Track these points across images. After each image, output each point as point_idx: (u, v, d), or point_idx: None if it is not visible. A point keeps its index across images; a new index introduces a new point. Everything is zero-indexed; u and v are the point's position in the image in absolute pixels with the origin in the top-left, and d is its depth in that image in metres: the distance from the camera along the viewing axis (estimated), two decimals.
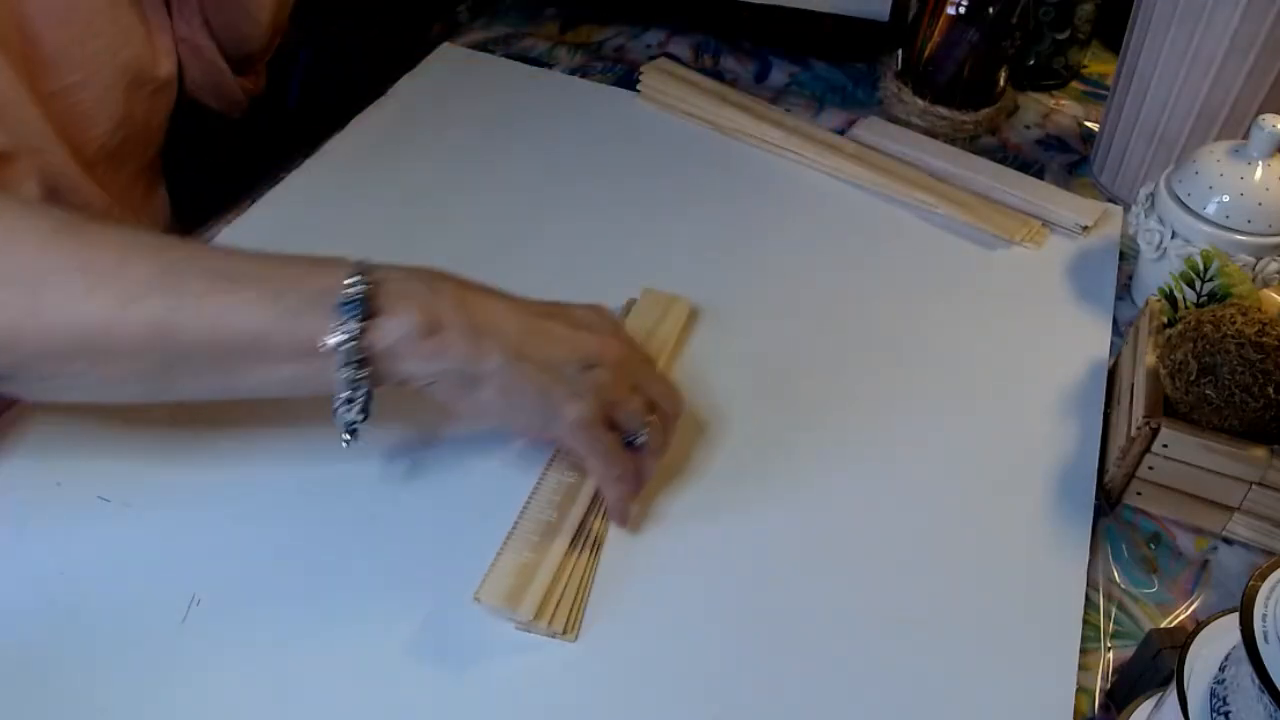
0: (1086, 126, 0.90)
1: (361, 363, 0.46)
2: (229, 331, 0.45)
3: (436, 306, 0.47)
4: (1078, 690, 0.49)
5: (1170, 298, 0.61)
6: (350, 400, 0.47)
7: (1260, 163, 0.64)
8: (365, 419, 0.48)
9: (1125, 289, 0.73)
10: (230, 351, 0.46)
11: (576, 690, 0.48)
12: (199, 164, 0.81)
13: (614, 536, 0.55)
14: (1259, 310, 0.55)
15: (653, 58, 0.93)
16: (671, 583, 0.53)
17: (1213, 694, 0.38)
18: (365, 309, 0.46)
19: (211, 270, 0.46)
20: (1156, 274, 0.67)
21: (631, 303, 0.66)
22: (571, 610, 0.50)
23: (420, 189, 0.76)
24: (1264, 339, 0.52)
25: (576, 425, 0.50)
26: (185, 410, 0.59)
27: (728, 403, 0.62)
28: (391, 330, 0.46)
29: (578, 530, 0.53)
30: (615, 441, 0.52)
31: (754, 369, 0.65)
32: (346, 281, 0.46)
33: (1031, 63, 0.92)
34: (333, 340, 0.45)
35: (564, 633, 0.50)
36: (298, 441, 0.58)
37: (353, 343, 0.45)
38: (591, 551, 0.53)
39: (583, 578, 0.52)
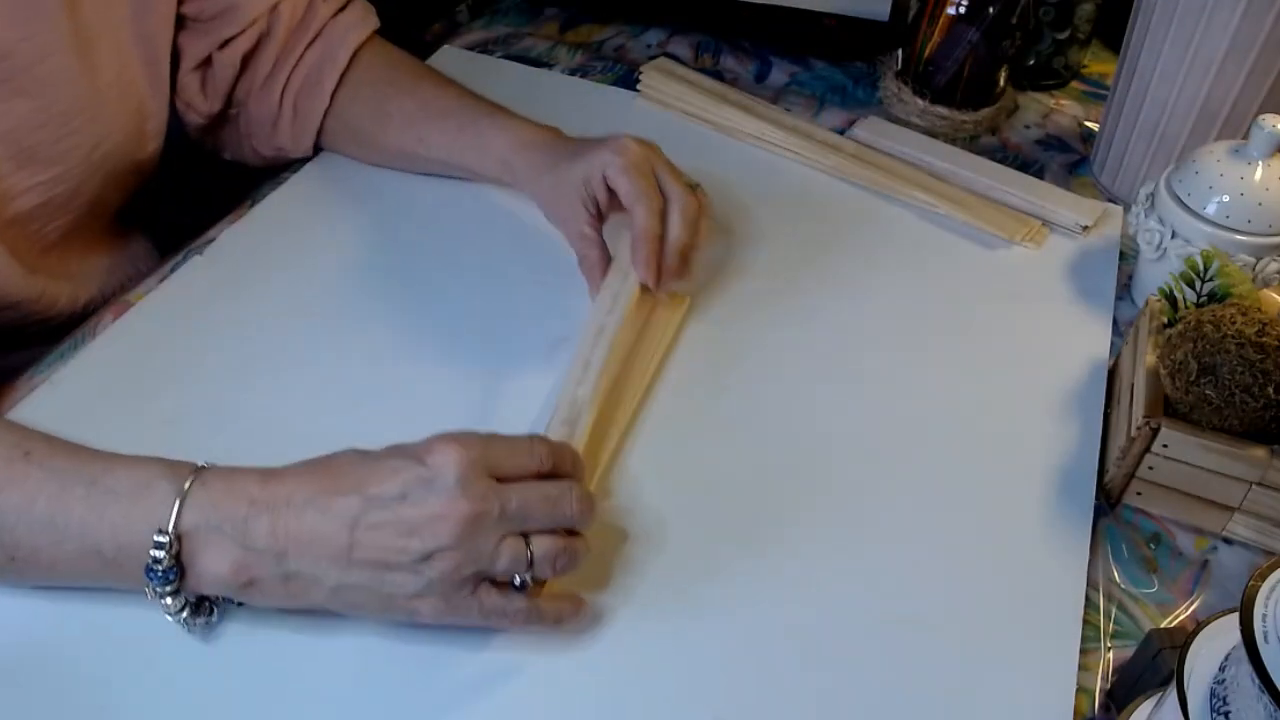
0: (1086, 126, 0.90)
1: (186, 604, 0.47)
2: (65, 577, 0.48)
3: (247, 557, 0.45)
4: (1078, 690, 0.49)
5: (1170, 298, 0.61)
6: (195, 620, 0.48)
7: (1260, 163, 0.64)
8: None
9: (1125, 289, 0.73)
10: (75, 583, 0.48)
11: (539, 670, 0.49)
12: (199, 166, 0.81)
13: (604, 528, 0.55)
14: (1259, 310, 0.55)
15: (653, 58, 0.93)
16: (662, 573, 0.53)
17: (1213, 694, 0.38)
18: (172, 575, 0.45)
19: (39, 520, 0.46)
20: (1156, 274, 0.67)
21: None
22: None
23: (422, 189, 0.76)
24: (1264, 339, 0.52)
25: (434, 617, 0.47)
26: (184, 410, 0.59)
27: (722, 399, 0.62)
28: (205, 585, 0.46)
29: None
30: (489, 604, 0.47)
31: (750, 367, 0.65)
32: (155, 541, 0.45)
33: (1031, 63, 0.92)
34: (151, 597, 0.46)
35: None
36: (295, 440, 0.58)
37: (173, 600, 0.46)
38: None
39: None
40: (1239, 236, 0.65)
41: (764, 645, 0.51)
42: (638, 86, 0.88)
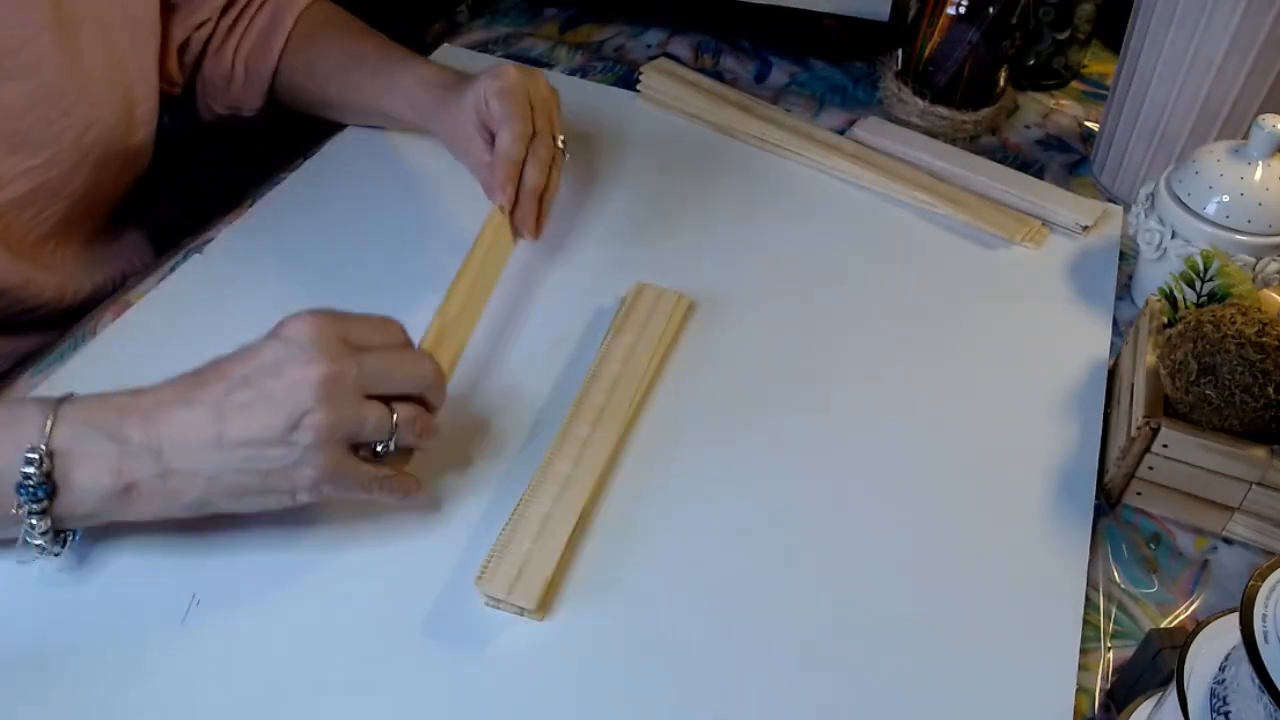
0: (1086, 126, 0.90)
1: (59, 533, 0.46)
2: None
3: (124, 459, 0.45)
4: (1078, 690, 0.49)
5: (1170, 298, 0.61)
6: (53, 548, 0.47)
7: (1260, 163, 0.64)
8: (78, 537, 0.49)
9: (1125, 289, 0.73)
10: None
11: (539, 669, 0.49)
12: (200, 166, 0.81)
13: (599, 522, 0.55)
14: (1259, 310, 0.55)
15: (653, 58, 0.93)
16: (657, 574, 0.53)
17: (1213, 694, 0.38)
18: (44, 491, 0.44)
19: None
20: (1156, 274, 0.67)
21: (626, 298, 0.67)
22: (544, 589, 0.50)
23: (421, 188, 0.76)
24: (1264, 339, 0.52)
25: (312, 490, 0.47)
26: None
27: (723, 399, 0.62)
28: (81, 502, 0.46)
29: (550, 511, 0.53)
30: (364, 471, 0.48)
31: (751, 367, 0.65)
32: (26, 457, 0.44)
33: (1031, 63, 0.92)
34: (25, 516, 0.45)
35: (534, 611, 0.50)
36: None
37: (40, 520, 0.45)
38: (568, 533, 0.53)
39: (558, 558, 0.51)
40: (1239, 236, 0.65)
41: (765, 646, 0.51)
42: (638, 86, 0.88)
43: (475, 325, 0.60)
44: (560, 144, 0.68)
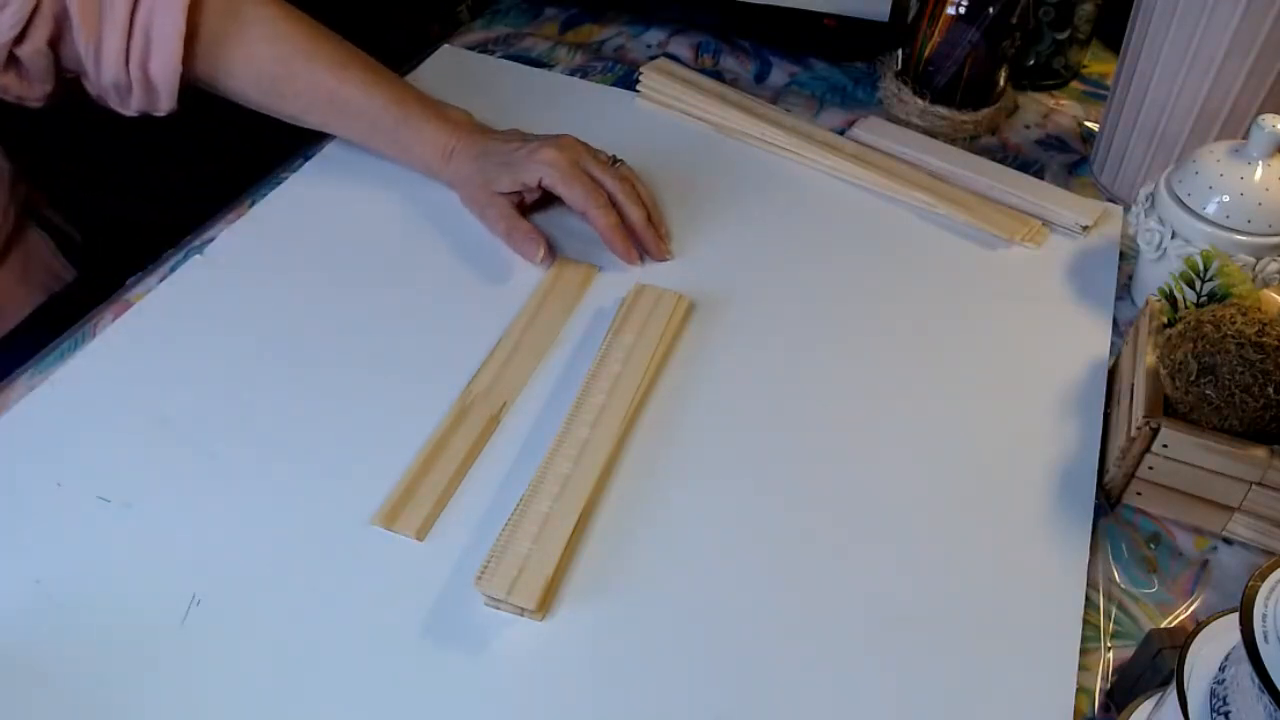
0: (1086, 126, 0.90)
1: None
2: None
3: None
4: (1078, 690, 0.49)
5: (1170, 298, 0.61)
6: None
7: (1260, 163, 0.64)
8: None
9: (1125, 289, 0.73)
10: None
11: (539, 669, 0.49)
12: (199, 165, 0.81)
13: (599, 522, 0.55)
14: (1259, 310, 0.55)
15: (653, 58, 0.93)
16: (657, 574, 0.53)
17: (1213, 694, 0.38)
18: None
19: None
20: (1156, 274, 0.67)
21: (626, 298, 0.67)
22: (544, 589, 0.50)
23: (422, 189, 0.76)
24: (1264, 339, 0.52)
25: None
26: (183, 409, 0.59)
27: (723, 399, 0.62)
28: None
29: (550, 511, 0.53)
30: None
31: (751, 367, 0.65)
32: None
33: (1031, 63, 0.92)
34: None
35: (534, 611, 0.50)
36: (296, 440, 0.58)
37: None
38: (568, 533, 0.53)
39: (558, 558, 0.52)
40: (1239, 236, 0.65)
41: (765, 645, 0.51)
42: (638, 86, 0.88)
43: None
44: (616, 162, 0.73)
